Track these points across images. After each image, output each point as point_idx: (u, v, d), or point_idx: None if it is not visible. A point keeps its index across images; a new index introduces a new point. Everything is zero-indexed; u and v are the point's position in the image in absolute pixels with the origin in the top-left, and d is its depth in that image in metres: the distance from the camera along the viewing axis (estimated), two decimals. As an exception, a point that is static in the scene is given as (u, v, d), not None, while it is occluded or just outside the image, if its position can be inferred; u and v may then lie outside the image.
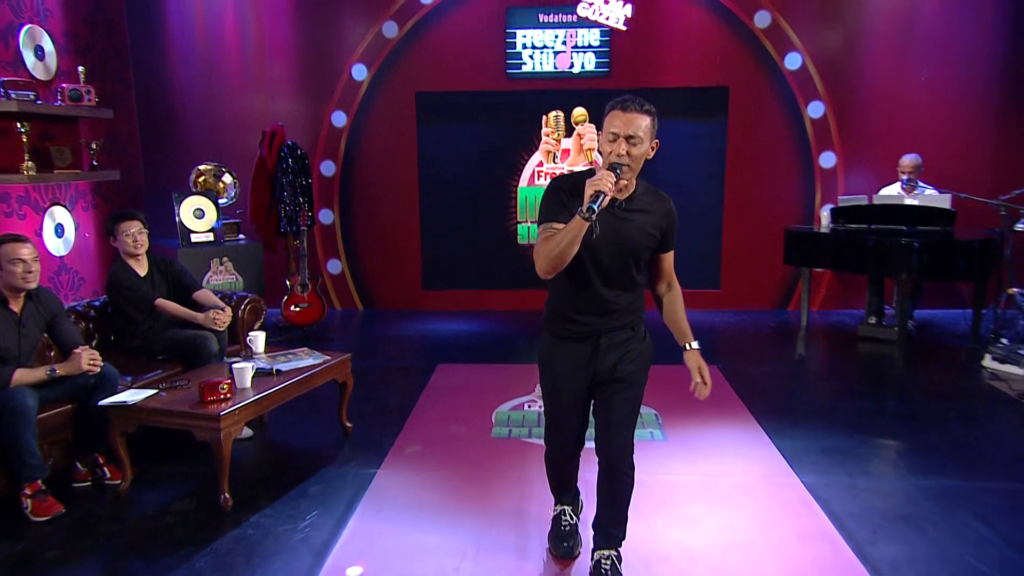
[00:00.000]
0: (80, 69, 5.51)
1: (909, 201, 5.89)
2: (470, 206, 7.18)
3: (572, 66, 6.79)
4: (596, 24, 6.68)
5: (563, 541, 2.86)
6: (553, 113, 6.14)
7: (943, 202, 5.79)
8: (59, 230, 5.58)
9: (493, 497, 3.37)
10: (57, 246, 5.56)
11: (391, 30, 6.84)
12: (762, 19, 6.70)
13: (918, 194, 6.03)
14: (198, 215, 5.90)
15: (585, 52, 6.75)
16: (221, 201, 6.20)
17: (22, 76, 5.17)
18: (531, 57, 6.79)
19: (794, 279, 6.97)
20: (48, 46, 5.48)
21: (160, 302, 4.14)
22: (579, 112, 6.07)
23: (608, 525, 2.66)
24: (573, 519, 2.89)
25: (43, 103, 5.15)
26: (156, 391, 3.45)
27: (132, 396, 3.35)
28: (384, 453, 3.86)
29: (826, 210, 6.36)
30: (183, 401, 3.33)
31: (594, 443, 2.59)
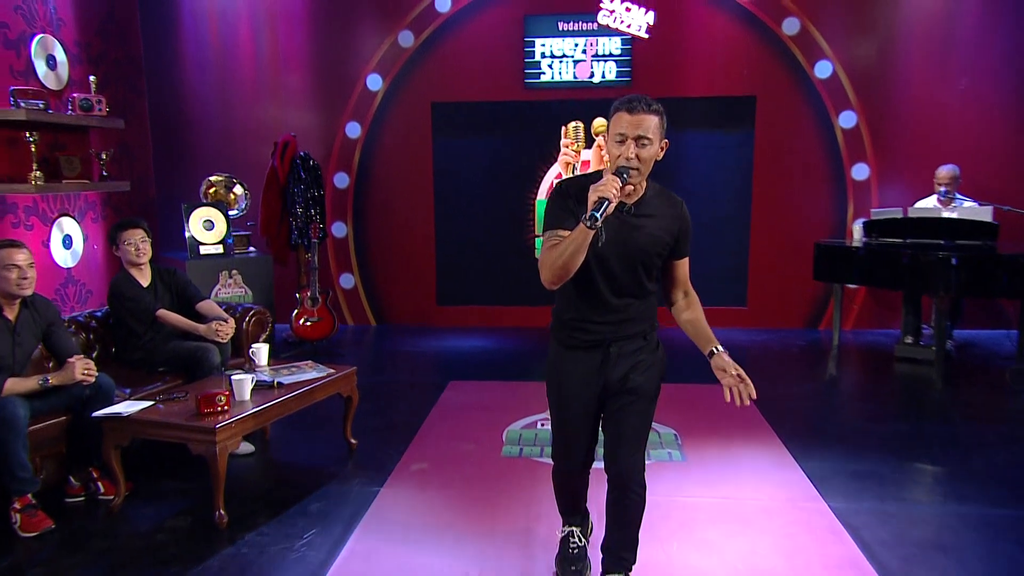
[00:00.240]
0: (91, 79, 5.58)
1: (947, 214, 5.75)
2: (487, 220, 7.14)
3: (592, 76, 6.75)
4: (617, 32, 6.64)
5: (571, 565, 2.76)
6: (572, 124, 6.11)
7: (984, 215, 5.64)
8: (67, 241, 5.62)
9: (499, 518, 3.29)
10: (65, 258, 5.61)
11: (407, 39, 6.87)
12: (791, 26, 6.63)
13: (956, 207, 5.89)
14: (208, 226, 5.93)
15: (606, 61, 6.72)
16: (232, 213, 6.23)
17: (33, 86, 5.24)
18: (550, 66, 6.76)
19: (825, 297, 6.82)
20: (60, 56, 5.56)
21: (162, 313, 4.13)
22: (599, 123, 6.03)
23: (618, 548, 2.57)
24: (582, 541, 2.80)
25: (53, 112, 5.21)
26: (153, 403, 3.43)
27: (127, 408, 3.33)
28: (389, 471, 3.79)
29: (859, 224, 6.23)
30: (179, 413, 3.30)
31: (603, 459, 2.51)
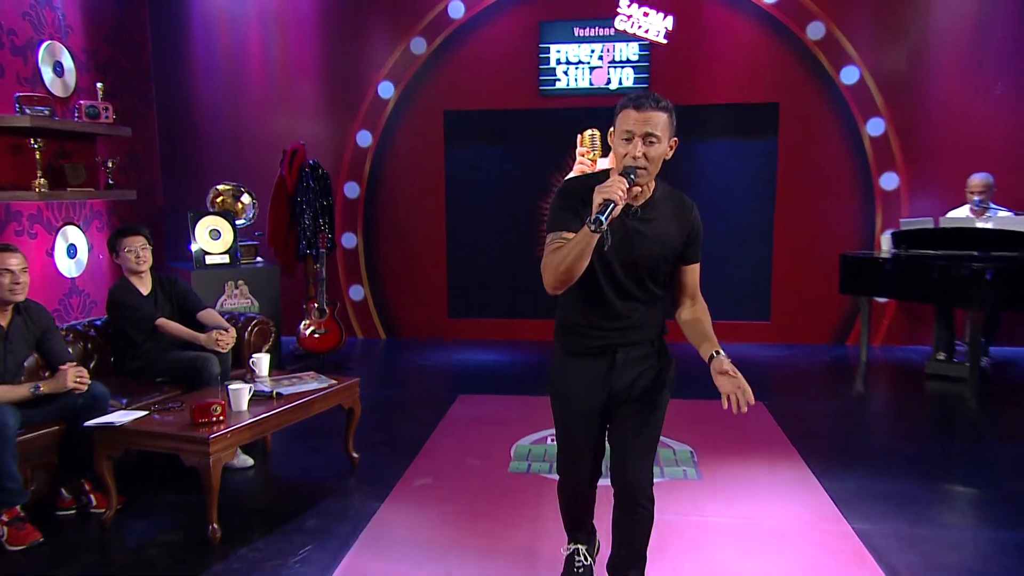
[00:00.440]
0: (98, 86, 5.63)
1: (981, 224, 5.62)
2: (500, 230, 7.10)
3: (609, 82, 6.71)
4: (635, 38, 6.60)
5: (575, 585, 2.68)
6: (589, 132, 6.00)
7: (1020, 225, 5.48)
8: (72, 251, 5.65)
9: (503, 535, 3.21)
10: (69, 267, 5.63)
11: (419, 46, 6.88)
12: (815, 31, 6.55)
13: (990, 216, 5.75)
14: (214, 236, 5.94)
15: (623, 67, 6.68)
16: (239, 222, 6.23)
17: (39, 92, 5.29)
18: (565, 73, 6.74)
19: (853, 311, 6.68)
20: (68, 63, 5.62)
21: (162, 322, 4.11)
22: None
23: (624, 566, 2.50)
24: (587, 560, 2.71)
25: (59, 119, 5.26)
26: (147, 413, 3.40)
27: (120, 417, 3.30)
28: (391, 486, 3.73)
29: (887, 235, 6.11)
30: (173, 424, 3.27)
31: (609, 472, 2.44)
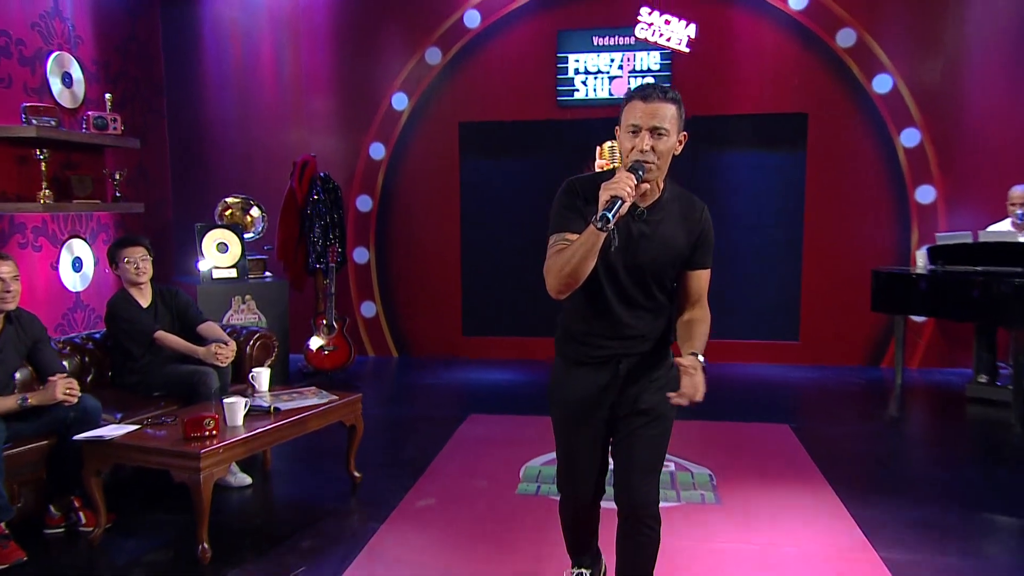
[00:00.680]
0: (107, 97, 5.70)
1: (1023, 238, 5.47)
2: (516, 245, 7.05)
3: (630, 92, 6.66)
4: (656, 47, 6.56)
5: (578, 612, 2.59)
6: (608, 144, 5.99)
7: (1065, 239, 5.34)
8: (77, 264, 5.70)
9: (504, 558, 3.13)
10: (74, 281, 5.67)
11: (434, 56, 6.90)
12: (846, 38, 6.46)
13: (1034, 230, 5.59)
14: (221, 249, 5.95)
15: (644, 77, 6.63)
16: (248, 236, 6.25)
17: (47, 103, 5.36)
18: (584, 83, 6.71)
19: (888, 331, 6.52)
20: (77, 73, 5.70)
21: (160, 335, 4.10)
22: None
23: (628, 592, 2.38)
24: (591, 586, 2.62)
25: (65, 130, 5.32)
26: (139, 427, 3.37)
27: (110, 431, 3.27)
28: (392, 507, 3.66)
29: (923, 251, 5.96)
30: (165, 438, 3.23)
31: (613, 490, 2.36)
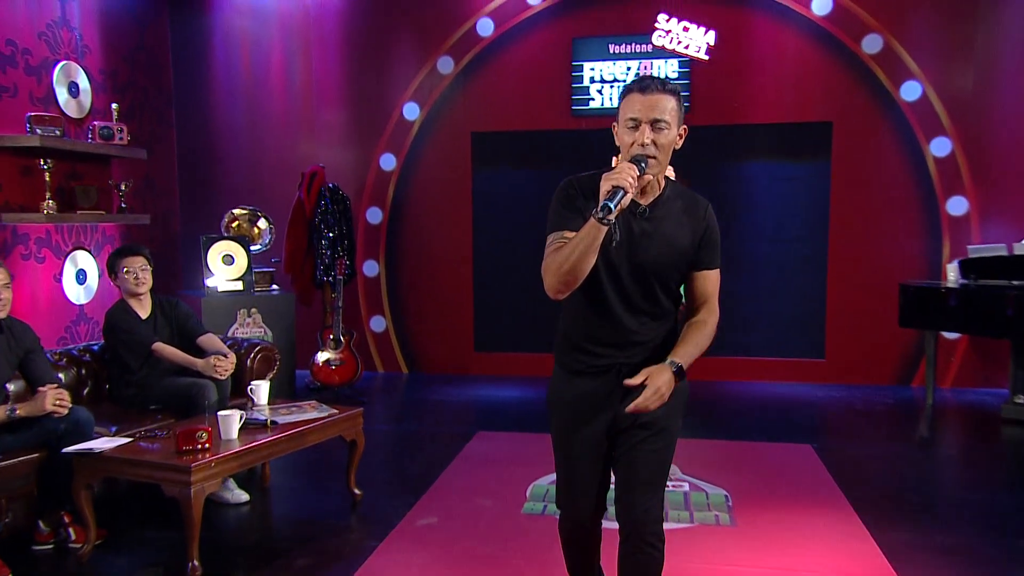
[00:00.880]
0: (113, 106, 5.74)
1: (1060, 252, 5.35)
2: (530, 258, 6.95)
3: (647, 101, 6.61)
4: (674, 54, 6.52)
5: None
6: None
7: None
8: (81, 276, 5.72)
9: (505, 582, 3.06)
10: (78, 293, 5.69)
11: (446, 66, 6.90)
12: (872, 44, 6.37)
13: (1071, 243, 5.46)
14: (227, 261, 5.96)
15: (662, 85, 6.58)
16: (254, 248, 6.25)
17: (53, 113, 5.40)
18: (600, 92, 6.67)
19: (918, 348, 6.37)
20: (84, 83, 5.75)
21: (158, 346, 4.09)
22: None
23: (630, 616, 2.30)
24: (593, 610, 2.54)
25: (70, 140, 5.36)
26: (132, 440, 3.35)
27: (101, 444, 3.25)
28: (392, 525, 3.61)
29: (954, 264, 5.84)
30: (156, 451, 3.20)
31: (614, 507, 2.29)
